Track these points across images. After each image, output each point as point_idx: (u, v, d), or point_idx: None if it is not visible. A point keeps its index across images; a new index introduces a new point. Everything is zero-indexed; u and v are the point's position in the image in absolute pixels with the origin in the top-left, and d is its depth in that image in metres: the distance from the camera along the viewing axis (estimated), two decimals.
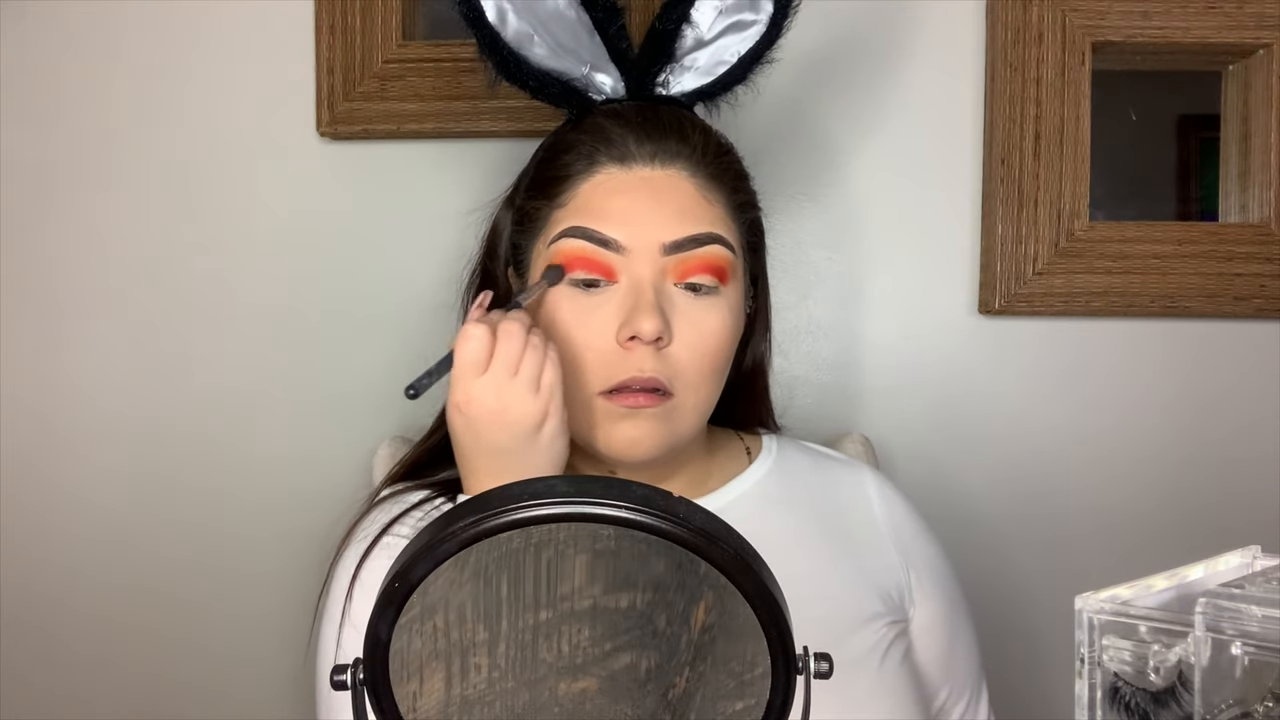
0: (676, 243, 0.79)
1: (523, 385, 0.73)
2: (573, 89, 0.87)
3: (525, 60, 0.85)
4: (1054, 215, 1.12)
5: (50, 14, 1.16)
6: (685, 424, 0.81)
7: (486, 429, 0.73)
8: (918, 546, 0.90)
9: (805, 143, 1.16)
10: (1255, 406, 1.15)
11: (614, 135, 0.81)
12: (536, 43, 0.85)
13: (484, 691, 0.45)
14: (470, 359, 0.73)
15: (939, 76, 1.15)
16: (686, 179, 0.81)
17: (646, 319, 0.76)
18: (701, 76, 0.89)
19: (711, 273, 0.79)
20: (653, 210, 0.79)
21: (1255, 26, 1.12)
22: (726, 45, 0.88)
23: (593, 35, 0.86)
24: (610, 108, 0.86)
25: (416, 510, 0.84)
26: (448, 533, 0.43)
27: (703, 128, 0.85)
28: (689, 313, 0.79)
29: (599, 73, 0.87)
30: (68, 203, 1.17)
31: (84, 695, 1.18)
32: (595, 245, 0.79)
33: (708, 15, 0.87)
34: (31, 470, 1.18)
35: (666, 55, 0.87)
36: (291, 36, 1.15)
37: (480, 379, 0.73)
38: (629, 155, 0.81)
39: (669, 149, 0.81)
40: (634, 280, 0.78)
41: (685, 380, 0.79)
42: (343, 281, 1.16)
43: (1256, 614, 0.47)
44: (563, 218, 0.81)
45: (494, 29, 0.84)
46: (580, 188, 0.81)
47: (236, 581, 1.17)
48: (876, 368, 1.17)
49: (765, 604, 0.44)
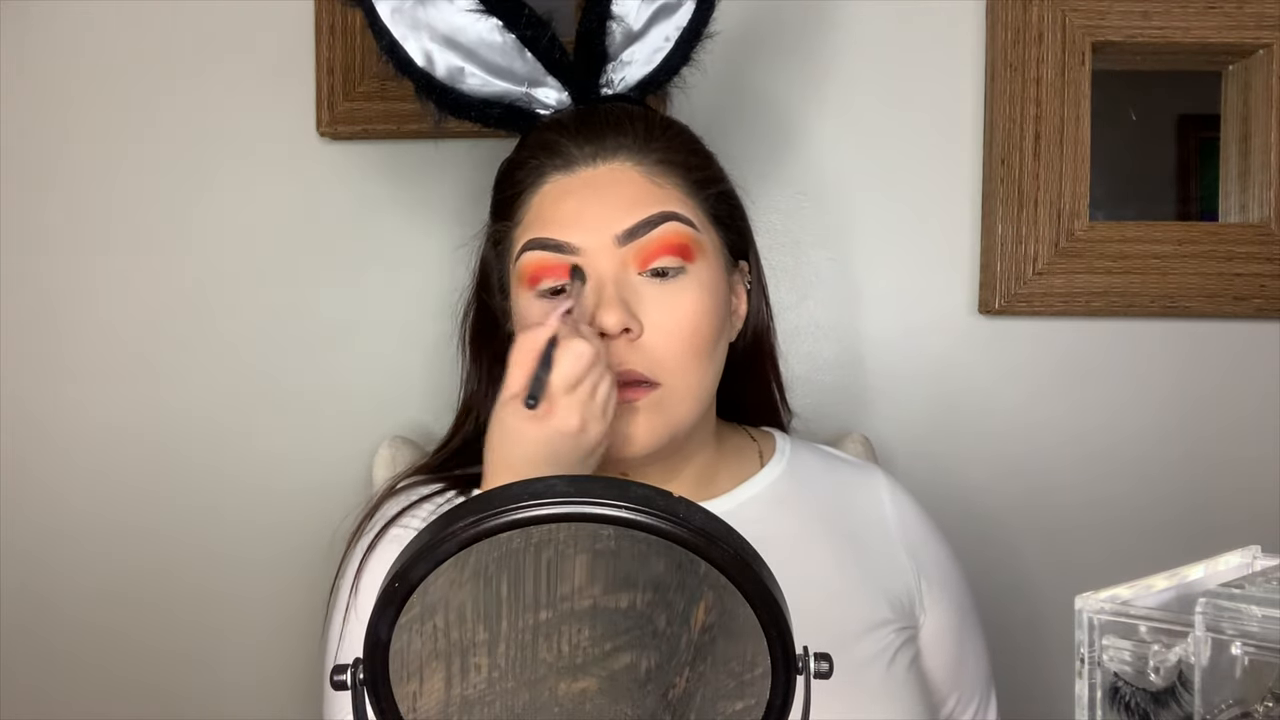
0: (629, 230, 0.78)
1: (598, 409, 0.72)
2: (517, 109, 0.87)
3: (463, 93, 0.86)
4: (1054, 215, 1.12)
5: (50, 14, 1.16)
6: (681, 411, 0.80)
7: (555, 444, 0.71)
8: (929, 552, 0.90)
9: (807, 143, 1.16)
10: (1255, 406, 1.15)
11: (555, 143, 0.82)
12: (469, 73, 0.86)
13: (484, 691, 0.45)
14: (573, 375, 0.71)
15: (939, 76, 1.15)
16: (630, 168, 0.81)
17: (608, 313, 0.76)
18: (642, 68, 0.88)
19: (672, 252, 0.79)
20: (599, 206, 0.79)
21: (1255, 26, 1.12)
22: (660, 31, 0.88)
23: (524, 53, 0.86)
24: (552, 118, 0.86)
25: (427, 502, 0.84)
26: (448, 533, 0.43)
27: (643, 115, 0.85)
28: (658, 298, 0.79)
29: (539, 88, 0.87)
30: (67, 203, 1.17)
31: (83, 699, 1.18)
32: (551, 252, 0.79)
33: (631, 6, 0.87)
34: (29, 473, 1.18)
35: (600, 55, 0.87)
36: (291, 36, 1.15)
37: (570, 395, 0.71)
38: (571, 159, 0.81)
39: (608, 144, 0.81)
40: (594, 277, 0.78)
41: (668, 366, 0.78)
42: (343, 282, 1.16)
43: (1256, 614, 0.47)
44: (521, 234, 0.82)
45: (424, 71, 0.85)
46: (531, 200, 0.82)
47: (237, 583, 1.17)
48: (876, 368, 1.17)
49: (765, 604, 0.44)
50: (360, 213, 1.16)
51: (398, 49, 0.85)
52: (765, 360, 0.94)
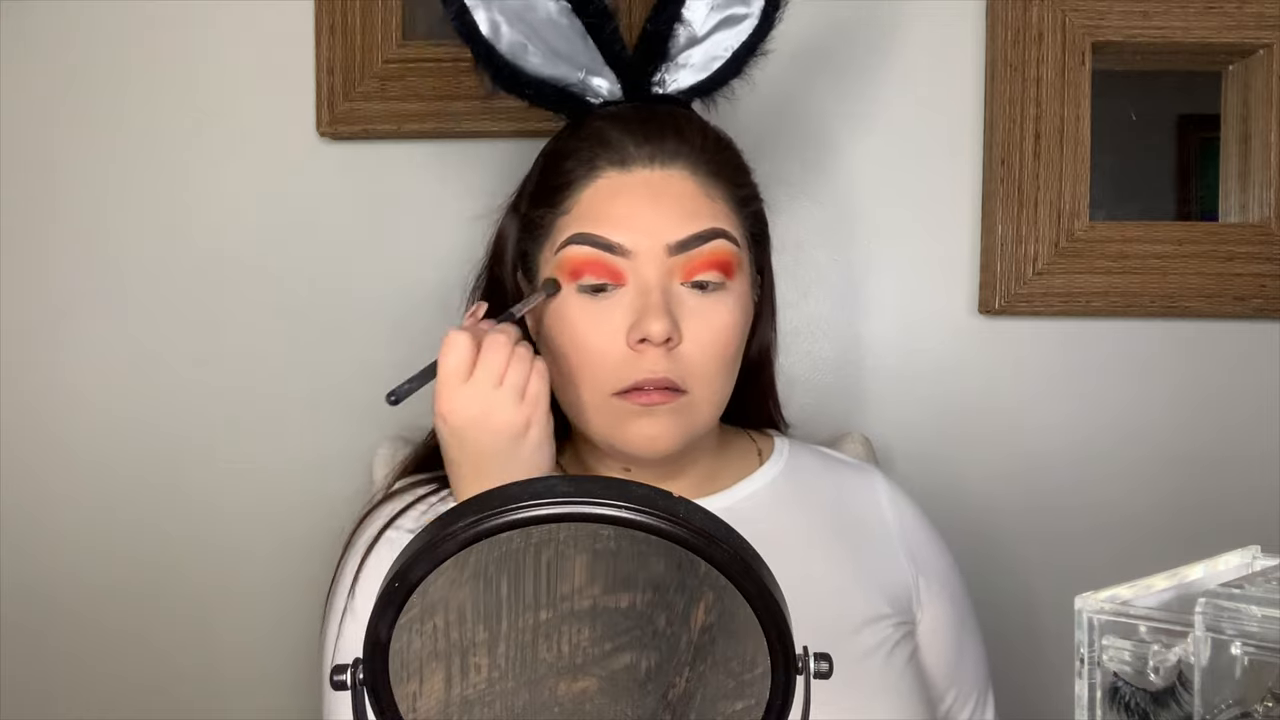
0: (681, 242, 0.79)
1: (506, 394, 0.74)
2: (569, 94, 0.87)
3: (521, 69, 0.86)
4: (1054, 215, 1.12)
5: (50, 14, 1.16)
6: (701, 418, 0.81)
7: (470, 436, 0.74)
8: (927, 551, 0.90)
9: (806, 143, 1.16)
10: (1255, 406, 1.15)
11: (612, 139, 0.82)
12: (531, 51, 0.86)
13: (484, 691, 0.45)
14: (453, 367, 0.74)
15: (939, 76, 1.15)
16: (687, 177, 0.81)
17: (655, 321, 0.77)
18: (697, 73, 0.89)
19: (718, 269, 0.80)
20: (655, 212, 0.79)
21: (1255, 26, 1.12)
22: (720, 40, 0.89)
23: (586, 40, 0.86)
24: (608, 111, 0.86)
25: (421, 504, 0.84)
26: (448, 533, 0.43)
27: (700, 125, 0.86)
28: (698, 310, 0.80)
29: (595, 77, 0.87)
30: (67, 203, 1.17)
31: (83, 698, 1.18)
32: (601, 251, 0.79)
33: (700, 12, 0.88)
34: (28, 472, 1.18)
35: (661, 55, 0.87)
36: (291, 36, 1.15)
37: (463, 387, 0.73)
38: (628, 158, 0.81)
39: (668, 149, 0.81)
40: (641, 283, 0.79)
41: (698, 377, 0.80)
42: (343, 281, 1.16)
43: (1256, 614, 0.47)
44: (567, 224, 0.81)
45: (489, 41, 0.85)
46: (582, 193, 0.81)
47: (235, 582, 1.17)
48: (876, 368, 1.17)
49: (765, 604, 0.44)
50: (360, 213, 1.16)
51: (466, 14, 0.84)
52: (765, 375, 0.95)
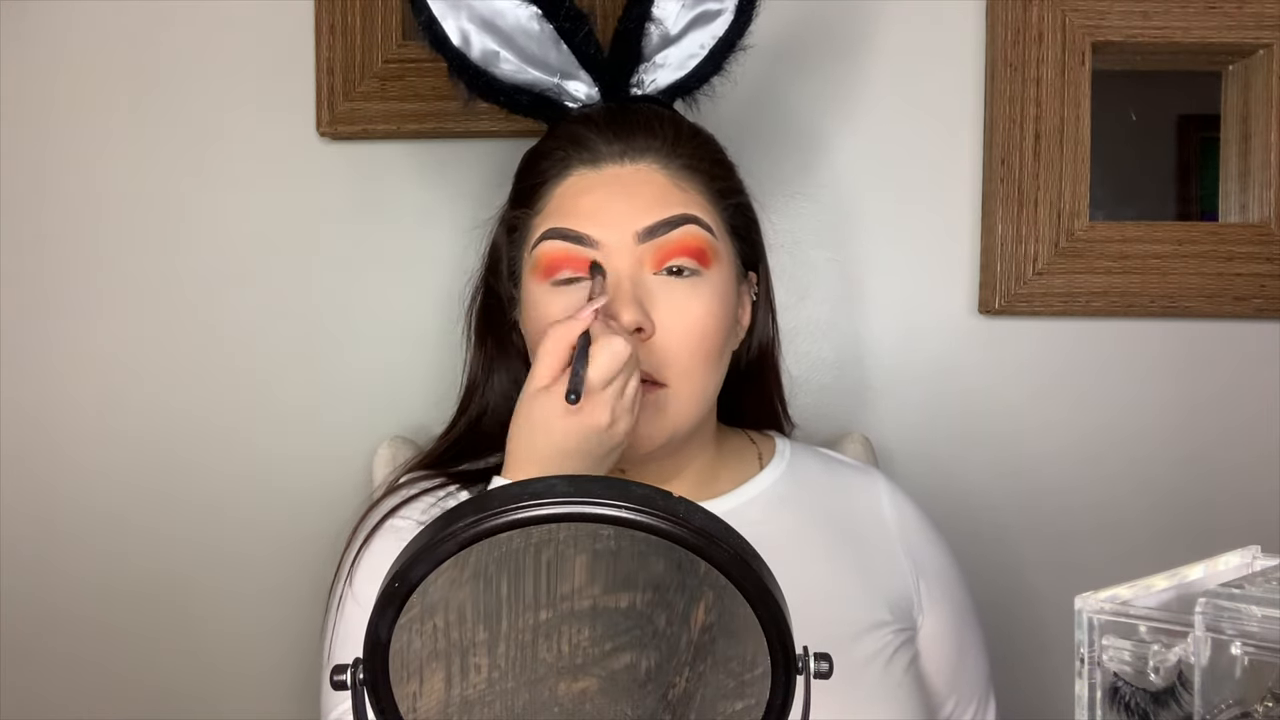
0: (649, 228, 0.79)
1: (626, 406, 0.72)
2: (546, 99, 0.88)
3: (495, 77, 0.86)
4: (1054, 215, 1.12)
5: (50, 13, 1.16)
6: (683, 413, 0.81)
7: (585, 438, 0.71)
8: (928, 554, 0.90)
9: (806, 143, 1.16)
10: (1255, 406, 1.15)
11: (583, 137, 0.82)
12: (503, 59, 0.86)
13: (484, 691, 0.45)
14: (608, 372, 0.71)
15: (939, 76, 1.15)
16: (657, 171, 0.81)
17: (624, 310, 0.77)
18: (675, 72, 0.89)
19: (689, 254, 0.79)
20: (623, 203, 0.80)
21: (1255, 26, 1.12)
22: (695, 38, 0.89)
23: (559, 45, 0.87)
24: (582, 112, 0.86)
25: (429, 495, 0.84)
26: (448, 533, 0.43)
27: (674, 120, 0.85)
28: (671, 298, 0.79)
29: (571, 81, 0.88)
30: (66, 203, 1.17)
31: (83, 698, 1.18)
32: (570, 243, 0.79)
33: (671, 10, 0.87)
34: (28, 472, 1.18)
35: (635, 56, 0.88)
36: (291, 36, 1.15)
37: (603, 391, 0.71)
38: (599, 155, 0.81)
39: (637, 144, 0.82)
40: (611, 273, 0.79)
41: (676, 368, 0.79)
42: (342, 282, 1.16)
43: (1256, 614, 0.47)
44: (540, 223, 0.82)
45: (460, 51, 0.85)
46: (554, 191, 0.82)
47: (236, 582, 1.17)
48: (876, 368, 1.17)
49: (765, 604, 0.44)
50: (360, 213, 1.16)
51: (435, 26, 0.84)
52: (769, 374, 0.95)
